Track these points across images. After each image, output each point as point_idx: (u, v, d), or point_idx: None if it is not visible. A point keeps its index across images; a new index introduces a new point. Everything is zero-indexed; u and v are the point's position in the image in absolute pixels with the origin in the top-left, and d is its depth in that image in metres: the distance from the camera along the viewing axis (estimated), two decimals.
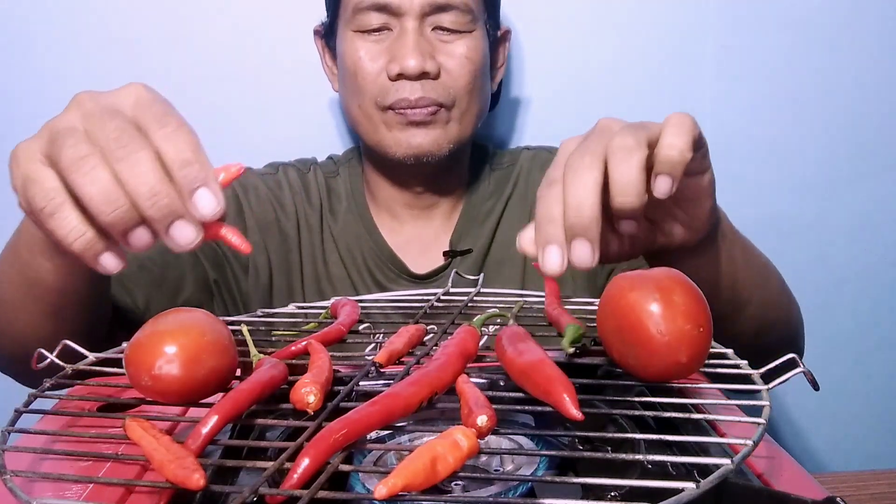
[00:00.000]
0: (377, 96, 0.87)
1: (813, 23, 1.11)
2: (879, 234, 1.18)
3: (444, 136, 0.88)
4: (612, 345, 0.51)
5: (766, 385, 0.49)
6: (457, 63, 0.87)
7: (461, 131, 0.89)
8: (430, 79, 0.85)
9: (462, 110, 0.88)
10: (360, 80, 0.87)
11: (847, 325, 1.20)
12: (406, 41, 0.85)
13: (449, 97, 0.87)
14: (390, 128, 0.87)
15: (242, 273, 0.91)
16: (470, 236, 0.95)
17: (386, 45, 0.86)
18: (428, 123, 0.87)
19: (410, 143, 0.87)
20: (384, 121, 0.87)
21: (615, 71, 1.10)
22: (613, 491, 0.44)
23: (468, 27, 0.87)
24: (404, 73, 0.84)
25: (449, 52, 0.87)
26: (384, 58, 0.86)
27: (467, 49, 0.87)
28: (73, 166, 0.43)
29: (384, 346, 0.55)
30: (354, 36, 0.88)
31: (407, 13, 0.85)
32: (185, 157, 0.43)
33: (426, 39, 0.86)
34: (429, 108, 0.86)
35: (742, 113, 1.13)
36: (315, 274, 0.94)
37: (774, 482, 0.48)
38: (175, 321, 0.50)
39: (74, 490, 0.45)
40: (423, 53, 0.85)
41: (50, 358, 0.55)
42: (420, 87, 0.85)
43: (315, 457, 0.38)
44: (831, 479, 0.93)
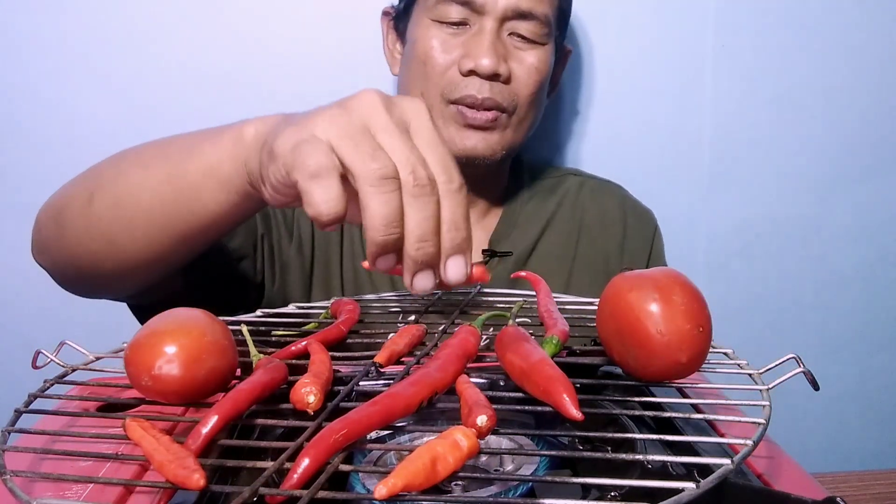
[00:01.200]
0: (444, 88, 0.86)
1: (813, 23, 1.11)
2: (879, 234, 1.18)
3: (500, 141, 0.88)
4: (612, 345, 0.51)
5: (766, 385, 0.49)
6: (526, 72, 0.87)
7: (515, 138, 0.90)
8: (500, 82, 0.86)
9: (520, 118, 0.89)
10: (428, 69, 0.87)
11: (847, 325, 1.20)
12: (483, 40, 0.85)
13: (512, 103, 0.87)
14: (447, 123, 0.87)
15: (287, 236, 0.90)
16: (510, 240, 0.96)
17: (462, 40, 0.86)
18: (487, 128, 0.87)
19: (466, 145, 0.87)
20: (444, 114, 0.87)
21: (615, 71, 1.10)
22: (613, 491, 0.44)
23: (543, 39, 0.88)
24: (477, 70, 0.84)
25: (520, 60, 0.87)
26: (458, 51, 0.86)
27: (538, 60, 0.88)
28: (374, 180, 0.46)
29: (384, 346, 0.55)
30: (431, 24, 0.87)
31: (489, 13, 0.85)
32: (457, 220, 0.48)
33: (502, 42, 0.86)
34: (491, 113, 0.86)
35: (742, 113, 1.13)
36: (352, 252, 0.93)
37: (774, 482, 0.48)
38: (175, 321, 0.50)
39: (74, 490, 0.45)
40: (499, 55, 0.85)
41: (50, 358, 0.55)
42: (489, 88, 0.85)
43: (315, 457, 0.38)
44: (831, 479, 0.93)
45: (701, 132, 1.13)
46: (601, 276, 0.97)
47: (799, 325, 1.19)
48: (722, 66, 1.11)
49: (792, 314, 1.19)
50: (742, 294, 1.17)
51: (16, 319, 1.08)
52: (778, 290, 1.18)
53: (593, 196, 1.01)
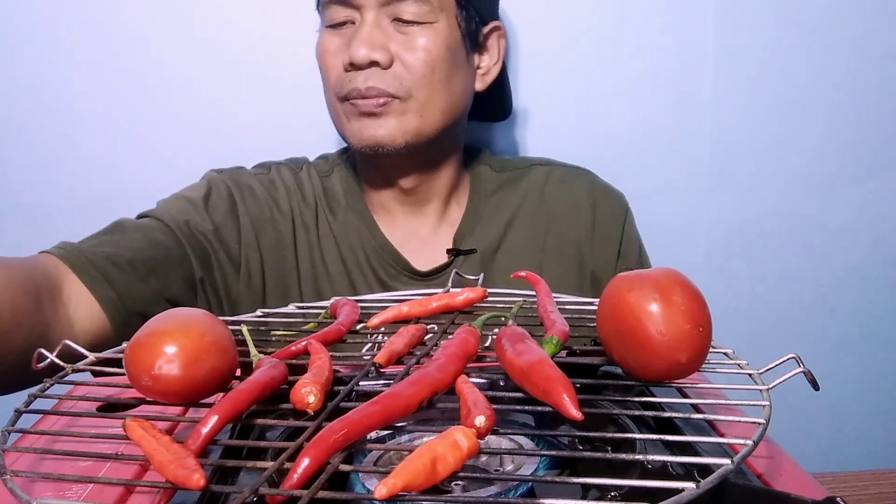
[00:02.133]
0: (336, 88, 0.88)
1: (813, 23, 1.11)
2: (879, 234, 1.18)
3: (398, 127, 0.86)
4: (612, 345, 0.51)
5: (766, 385, 0.49)
6: (413, 54, 0.86)
7: (421, 124, 0.87)
8: (382, 69, 0.85)
9: (421, 103, 0.87)
10: (324, 73, 0.89)
11: (847, 325, 1.20)
12: (359, 32, 0.85)
13: (402, 88, 0.86)
14: (349, 119, 0.88)
15: (234, 272, 0.90)
16: (473, 236, 0.96)
17: (347, 38, 0.87)
18: (380, 115, 0.86)
19: (364, 134, 0.87)
20: (343, 112, 0.88)
21: (615, 71, 1.10)
22: (613, 491, 0.44)
23: (429, 18, 0.86)
24: (353, 61, 0.85)
25: (406, 44, 0.86)
26: (343, 48, 0.87)
27: (425, 41, 0.86)
28: None
29: (384, 346, 0.55)
30: (325, 31, 0.89)
31: (365, 5, 0.85)
32: None
33: (382, 30, 0.86)
34: (379, 99, 0.85)
35: (742, 113, 1.13)
36: (313, 273, 0.94)
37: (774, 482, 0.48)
38: (175, 321, 0.50)
39: (74, 490, 0.45)
40: (374, 43, 0.85)
41: (50, 358, 0.55)
42: (369, 77, 0.85)
43: (315, 457, 0.38)
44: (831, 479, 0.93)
45: (701, 132, 1.13)
46: (573, 267, 0.97)
47: (799, 325, 1.19)
48: (722, 66, 1.11)
49: (792, 314, 1.19)
50: (742, 294, 1.17)
51: None
52: (778, 290, 1.18)
53: (561, 185, 1.00)
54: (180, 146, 1.07)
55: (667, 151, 1.13)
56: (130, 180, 1.07)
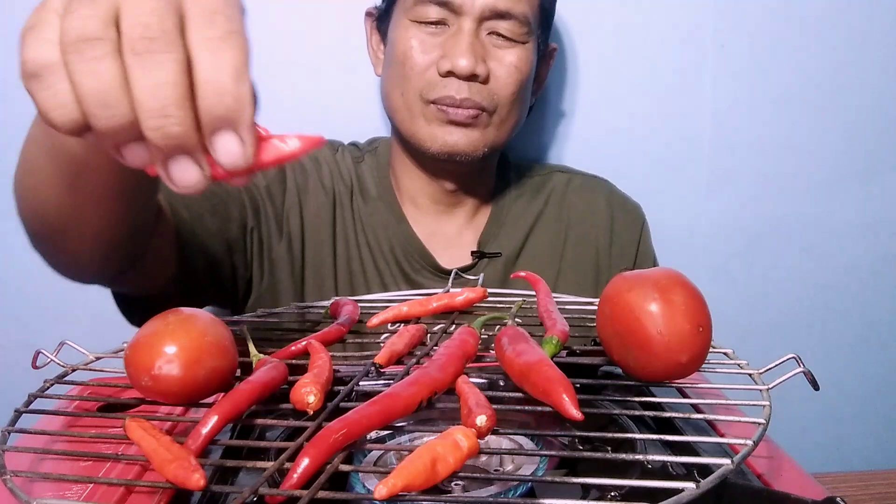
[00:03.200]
0: (423, 89, 0.87)
1: (813, 22, 1.11)
2: (880, 234, 1.18)
3: (481, 138, 0.88)
4: (612, 345, 0.51)
5: (766, 385, 0.49)
6: (506, 71, 0.87)
7: (497, 137, 0.90)
8: (479, 82, 0.86)
9: (502, 117, 0.89)
10: (407, 70, 0.87)
11: (847, 325, 1.20)
12: (461, 40, 0.85)
13: (492, 102, 0.87)
14: (429, 122, 0.87)
15: (276, 231, 0.90)
16: (498, 239, 0.97)
17: (441, 40, 0.86)
18: (468, 125, 0.87)
19: (447, 141, 0.87)
20: (424, 114, 0.87)
21: (615, 71, 1.10)
22: (613, 491, 0.44)
23: (523, 38, 0.88)
24: (455, 71, 0.84)
25: (500, 59, 0.87)
26: (436, 52, 0.86)
27: (518, 59, 0.88)
28: (74, 45, 0.33)
29: (384, 346, 0.55)
30: (410, 24, 0.87)
31: (467, 13, 0.85)
32: (221, 81, 0.33)
33: (480, 42, 0.86)
34: (471, 111, 0.86)
35: (742, 113, 1.13)
36: (346, 253, 0.93)
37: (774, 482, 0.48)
38: (175, 321, 0.50)
39: (74, 490, 0.45)
40: (476, 56, 0.85)
41: (50, 358, 0.55)
42: (467, 88, 0.85)
43: (315, 457, 0.38)
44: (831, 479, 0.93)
45: (701, 132, 1.13)
46: (590, 274, 0.98)
47: (799, 325, 1.19)
48: (722, 66, 1.11)
49: (792, 314, 1.19)
50: (742, 294, 1.17)
51: (16, 319, 1.08)
52: (778, 290, 1.18)
53: (580, 193, 1.01)
54: None
55: (666, 151, 1.13)
56: None
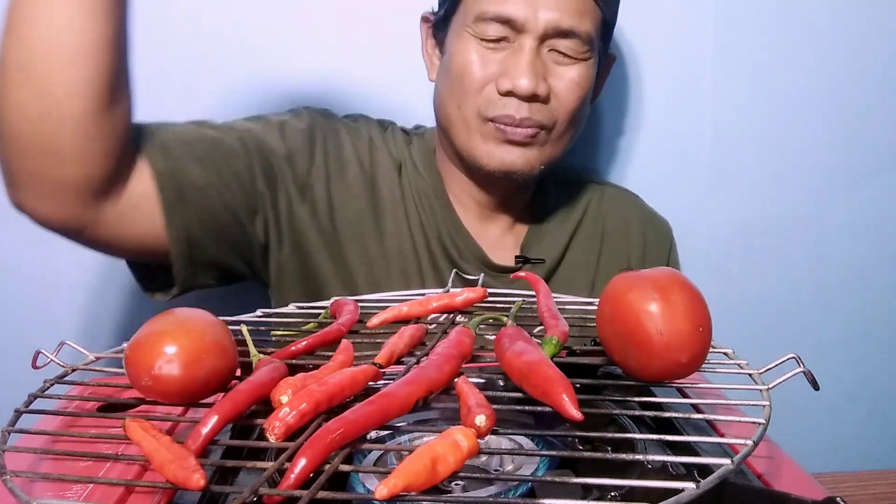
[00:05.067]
0: (481, 105, 0.85)
1: (813, 22, 1.11)
2: (879, 234, 1.18)
3: (538, 157, 0.87)
4: (612, 345, 0.51)
5: (766, 385, 0.49)
6: (566, 88, 0.86)
7: (554, 153, 0.89)
8: (539, 101, 0.84)
9: (560, 133, 0.88)
10: (466, 84, 0.85)
11: (847, 325, 1.20)
12: (522, 59, 0.83)
13: (552, 120, 0.86)
14: (486, 139, 0.86)
15: (298, 197, 0.86)
16: (541, 247, 0.96)
17: (500, 56, 0.84)
18: (525, 144, 0.86)
19: (504, 160, 0.86)
20: (481, 131, 0.86)
21: (615, 71, 1.10)
22: (613, 491, 0.44)
23: (584, 56, 0.86)
24: (516, 91, 0.83)
25: (560, 76, 0.86)
26: (496, 68, 0.84)
27: (579, 76, 0.86)
28: None
29: (384, 346, 0.55)
30: (470, 38, 0.85)
31: (529, 31, 0.83)
32: None
33: (541, 60, 0.84)
34: (530, 130, 0.85)
35: (742, 113, 1.13)
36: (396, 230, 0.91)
37: (774, 482, 0.48)
38: (175, 321, 0.50)
39: (74, 490, 0.45)
40: (538, 75, 0.83)
41: (50, 358, 0.55)
42: (527, 108, 0.84)
43: (312, 457, 0.38)
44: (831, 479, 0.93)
45: (701, 132, 1.13)
46: None
47: (799, 325, 1.19)
48: (722, 66, 1.11)
49: (792, 314, 1.19)
50: (742, 294, 1.17)
51: (16, 319, 1.08)
52: (778, 290, 1.18)
53: (614, 205, 1.01)
54: None
55: (667, 151, 1.13)
56: None
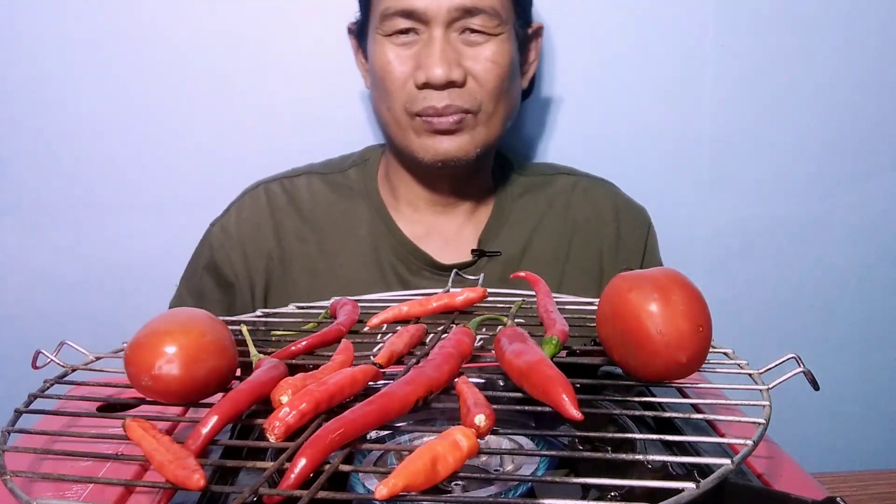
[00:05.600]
0: (405, 102, 0.87)
1: (813, 22, 1.11)
2: (879, 234, 1.18)
3: (470, 141, 0.88)
4: (612, 345, 0.51)
5: (766, 385, 0.49)
6: (483, 67, 0.87)
7: (488, 135, 0.90)
8: (457, 87, 0.86)
9: (489, 114, 0.89)
10: (388, 85, 0.88)
11: (847, 325, 1.20)
12: (432, 50, 0.85)
13: (475, 103, 0.87)
14: (418, 134, 0.88)
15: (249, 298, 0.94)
16: (499, 238, 0.96)
17: (414, 51, 0.87)
18: (455, 131, 0.87)
19: (437, 150, 0.88)
20: (412, 127, 0.88)
21: (614, 72, 1.10)
22: (613, 491, 0.44)
23: (496, 31, 0.87)
24: (430, 82, 0.85)
25: (475, 57, 0.87)
26: (411, 63, 0.87)
27: (493, 53, 0.87)
28: None
29: (384, 346, 0.55)
30: (384, 40, 0.88)
31: (433, 20, 0.85)
32: None
33: (452, 46, 0.86)
34: (455, 117, 0.86)
35: (742, 113, 1.13)
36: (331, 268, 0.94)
37: (774, 482, 0.48)
38: (175, 321, 0.50)
39: (74, 490, 0.45)
40: (449, 62, 0.85)
41: (50, 358, 0.55)
42: (447, 96, 0.85)
43: (312, 456, 0.38)
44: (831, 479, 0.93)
45: (701, 132, 1.13)
46: (594, 278, 0.98)
47: (799, 325, 1.19)
48: (722, 66, 1.11)
49: (792, 314, 1.19)
50: (742, 294, 1.17)
51: (16, 319, 1.08)
52: (778, 290, 1.18)
53: (586, 196, 1.01)
54: (181, 145, 1.07)
55: (667, 151, 1.13)
56: (130, 180, 1.07)
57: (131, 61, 1.05)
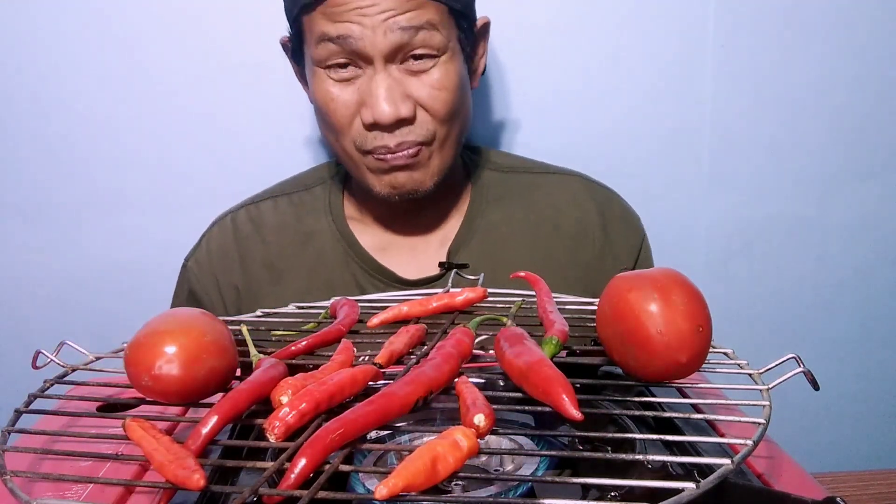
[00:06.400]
0: (356, 140, 0.83)
1: (813, 22, 1.11)
2: (879, 234, 1.18)
3: (427, 172, 0.85)
4: (612, 345, 0.51)
5: (766, 385, 0.49)
6: (431, 96, 0.82)
7: (444, 160, 0.86)
8: (407, 122, 0.81)
9: (442, 140, 0.84)
10: (333, 123, 0.84)
11: (847, 325, 1.20)
12: (376, 87, 0.80)
13: (429, 134, 0.83)
14: (371, 170, 0.85)
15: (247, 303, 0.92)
16: (469, 248, 0.92)
17: (355, 86, 0.82)
18: (410, 165, 0.83)
19: (394, 184, 0.84)
20: (365, 163, 0.84)
21: (614, 71, 1.10)
22: (613, 491, 0.44)
23: (440, 48, 0.81)
24: (379, 122, 0.80)
25: (421, 85, 0.81)
26: (355, 99, 0.82)
27: (440, 79, 0.82)
28: None
29: (384, 346, 0.55)
30: (322, 73, 0.83)
31: (373, 57, 0.80)
32: None
33: (396, 80, 0.81)
34: (411, 150, 0.82)
35: (742, 113, 1.13)
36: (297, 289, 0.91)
37: (774, 482, 0.48)
38: (175, 321, 0.50)
39: (74, 490, 0.45)
40: (396, 99, 0.80)
41: (50, 358, 0.55)
42: (398, 133, 0.81)
43: (312, 457, 0.38)
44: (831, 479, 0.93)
45: (701, 132, 1.13)
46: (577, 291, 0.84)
47: (799, 325, 1.19)
48: (722, 66, 1.11)
49: (792, 314, 1.19)
50: (742, 294, 1.17)
51: (16, 319, 1.08)
52: (778, 290, 1.18)
53: (572, 199, 0.95)
54: (181, 145, 1.07)
55: (667, 151, 1.13)
56: (130, 180, 1.07)
57: (131, 61, 1.05)
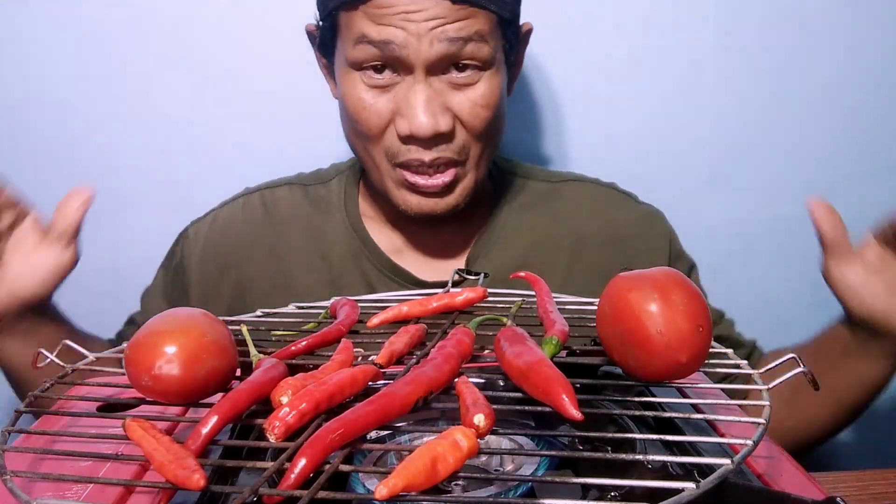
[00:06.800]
0: (386, 150, 0.79)
1: (813, 23, 1.11)
2: None
3: (459, 195, 0.81)
4: (612, 345, 0.51)
5: (767, 385, 0.49)
6: (472, 112, 0.78)
7: (476, 178, 0.82)
8: (445, 140, 0.77)
9: (476, 158, 0.80)
10: (363, 129, 0.79)
11: None
12: (415, 97, 0.75)
13: (464, 151, 0.79)
14: (398, 186, 0.80)
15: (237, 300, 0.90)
16: (489, 257, 0.88)
17: (391, 94, 0.77)
18: (441, 193, 0.79)
19: (422, 207, 0.81)
20: (392, 177, 0.80)
21: (615, 70, 1.10)
22: (613, 491, 0.44)
23: (487, 60, 0.77)
24: (416, 135, 0.76)
25: (464, 101, 0.77)
26: (390, 108, 0.77)
27: (483, 95, 0.77)
28: None
29: (384, 346, 0.55)
30: (356, 76, 0.77)
31: (415, 67, 0.75)
32: None
33: (436, 90, 0.76)
34: (446, 175, 0.78)
35: (742, 113, 1.13)
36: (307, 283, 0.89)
37: (774, 482, 0.48)
38: (175, 321, 0.50)
39: (74, 490, 0.45)
40: (436, 112, 0.75)
41: (50, 358, 0.55)
42: (434, 148, 0.77)
43: (312, 457, 0.38)
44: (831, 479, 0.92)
45: (701, 132, 1.13)
46: None
47: (799, 325, 1.19)
48: (722, 66, 1.11)
49: (792, 314, 1.19)
50: (742, 294, 1.17)
51: None
52: (778, 290, 1.18)
53: (597, 207, 0.92)
54: (181, 145, 1.07)
55: (667, 151, 1.13)
56: (131, 180, 1.07)
57: (131, 61, 1.05)
